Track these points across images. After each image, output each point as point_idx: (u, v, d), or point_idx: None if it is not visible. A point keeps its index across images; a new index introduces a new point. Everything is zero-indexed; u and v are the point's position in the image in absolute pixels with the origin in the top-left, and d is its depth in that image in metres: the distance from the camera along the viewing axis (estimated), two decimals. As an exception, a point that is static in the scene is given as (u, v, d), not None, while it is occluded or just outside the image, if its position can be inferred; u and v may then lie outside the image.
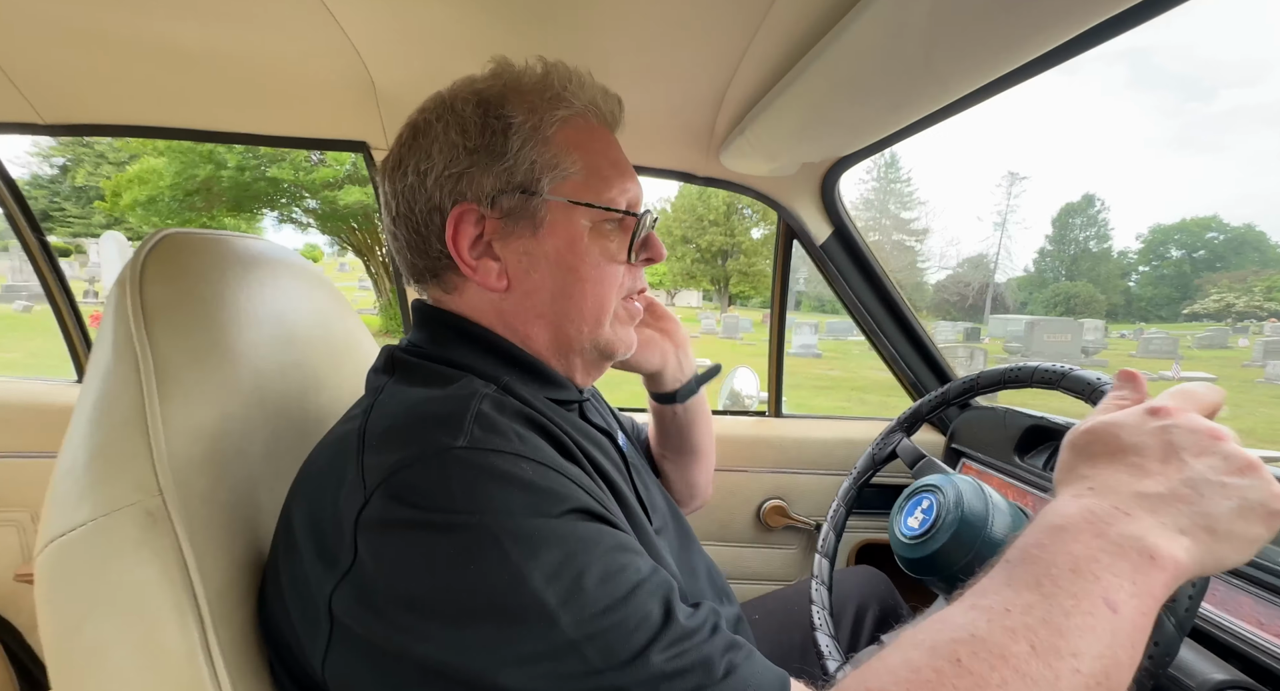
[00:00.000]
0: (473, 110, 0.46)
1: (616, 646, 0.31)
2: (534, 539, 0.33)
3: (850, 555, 1.20)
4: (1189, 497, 0.35)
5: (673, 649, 0.32)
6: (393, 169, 0.49)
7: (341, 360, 0.67)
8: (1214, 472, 0.35)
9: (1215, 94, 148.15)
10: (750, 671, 0.33)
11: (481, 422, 0.38)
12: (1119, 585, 0.32)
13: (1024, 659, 0.30)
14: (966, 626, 0.32)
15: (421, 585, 0.32)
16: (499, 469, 0.35)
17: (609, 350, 0.53)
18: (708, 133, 0.92)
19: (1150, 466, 0.37)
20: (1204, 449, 0.36)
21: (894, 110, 0.64)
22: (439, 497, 0.34)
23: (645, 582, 0.34)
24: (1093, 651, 0.30)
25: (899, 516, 0.68)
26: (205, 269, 0.51)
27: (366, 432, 0.39)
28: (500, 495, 0.34)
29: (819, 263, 1.15)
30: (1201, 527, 0.34)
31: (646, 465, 0.69)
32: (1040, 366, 0.61)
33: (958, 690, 0.29)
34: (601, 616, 0.32)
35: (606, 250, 0.49)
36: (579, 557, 0.33)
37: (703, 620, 0.35)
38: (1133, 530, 0.34)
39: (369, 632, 0.33)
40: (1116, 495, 0.36)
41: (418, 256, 0.49)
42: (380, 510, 0.34)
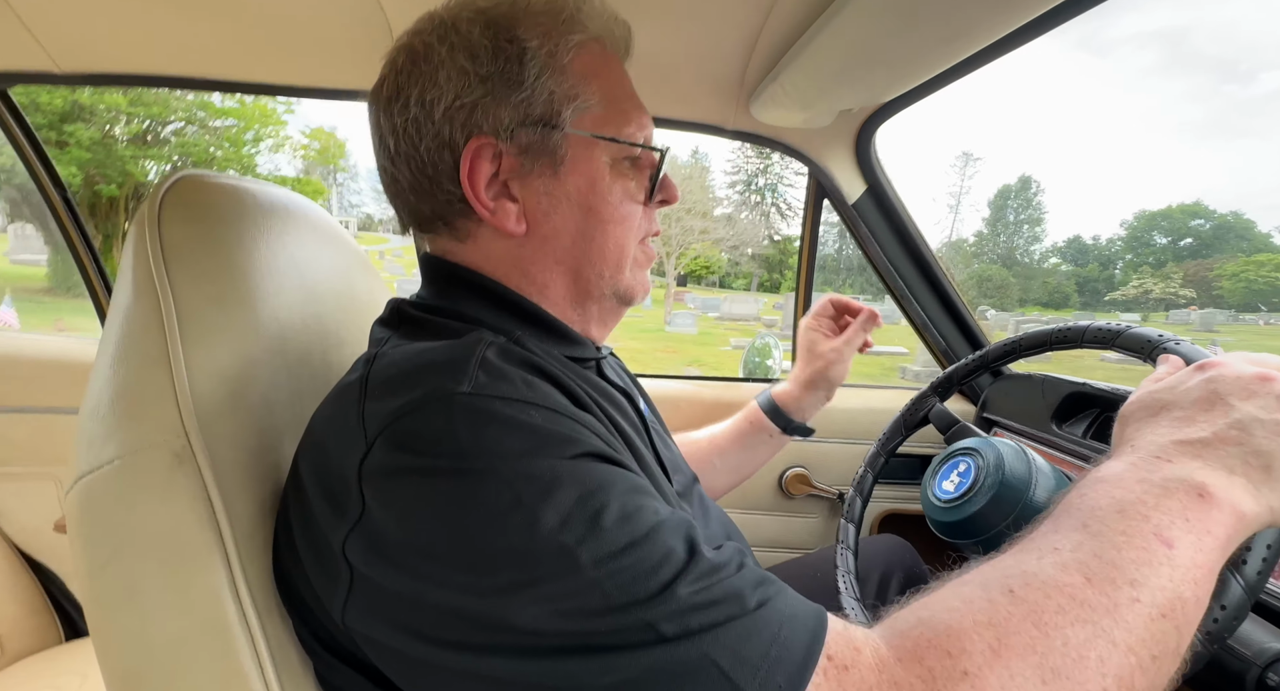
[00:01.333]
0: (480, 33, 0.42)
1: (640, 582, 0.29)
2: (546, 479, 0.31)
3: (874, 524, 1.19)
4: (1237, 438, 0.34)
5: (700, 582, 0.30)
6: (389, 100, 0.44)
7: (362, 317, 0.65)
8: (1265, 411, 0.34)
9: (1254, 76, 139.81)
10: (784, 604, 0.31)
11: (486, 369, 0.35)
12: (1170, 522, 0.31)
13: (1079, 587, 0.29)
14: (1016, 565, 0.31)
15: (433, 532, 0.31)
16: (505, 414, 0.33)
17: (628, 295, 0.51)
18: (738, 81, 0.87)
19: (1194, 416, 0.36)
20: (1251, 391, 0.35)
21: (948, 42, 0.59)
22: (444, 443, 0.32)
23: (665, 523, 0.32)
24: (1152, 583, 0.29)
25: (933, 480, 0.65)
26: (224, 212, 0.49)
27: (369, 381, 0.37)
28: (509, 439, 0.32)
29: (849, 222, 1.11)
30: (1256, 466, 0.33)
31: (664, 429, 0.67)
32: (1093, 325, 0.57)
33: (1012, 616, 0.28)
34: (622, 554, 0.30)
35: (626, 190, 0.47)
36: (596, 497, 0.31)
37: (729, 557, 0.33)
38: (1174, 472, 0.33)
39: (385, 579, 0.32)
40: (1156, 446, 0.35)
41: (424, 200, 0.45)
42: (383, 458, 0.33)
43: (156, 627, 0.37)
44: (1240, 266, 47.43)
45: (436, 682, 0.32)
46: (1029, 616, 0.28)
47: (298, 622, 0.40)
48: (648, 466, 0.46)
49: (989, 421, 1.07)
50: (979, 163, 49.90)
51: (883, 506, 1.18)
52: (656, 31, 0.76)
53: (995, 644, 0.27)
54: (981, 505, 0.57)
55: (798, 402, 0.80)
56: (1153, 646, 0.28)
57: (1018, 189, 50.91)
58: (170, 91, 0.96)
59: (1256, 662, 0.45)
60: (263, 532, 0.41)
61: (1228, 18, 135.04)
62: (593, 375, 0.51)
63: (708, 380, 1.31)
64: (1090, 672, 0.27)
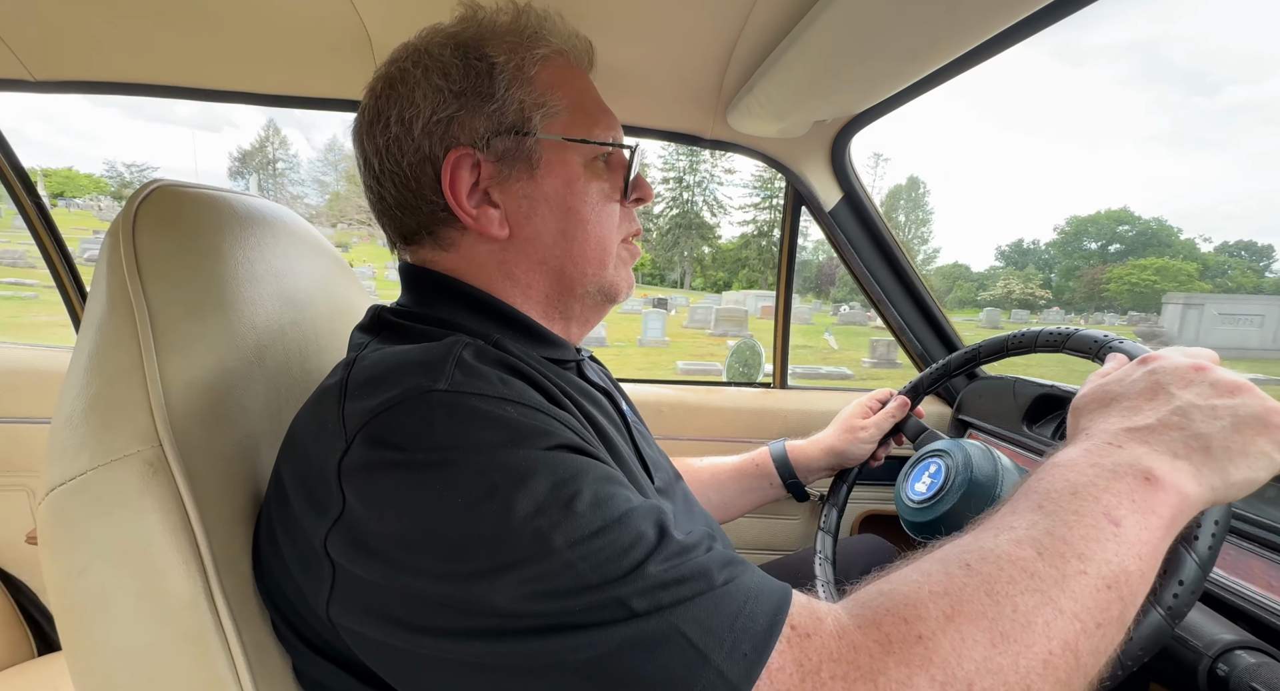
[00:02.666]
0: (451, 53, 0.45)
1: (612, 563, 0.31)
2: (520, 469, 0.32)
3: (854, 525, 1.21)
4: (1178, 423, 0.36)
5: (670, 562, 0.32)
6: (371, 123, 0.46)
7: (342, 323, 0.66)
8: (1201, 398, 0.37)
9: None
10: (750, 581, 0.33)
11: (463, 368, 0.37)
12: (1118, 503, 0.33)
13: (1030, 560, 0.31)
14: (974, 541, 0.33)
15: (411, 522, 0.32)
16: (482, 409, 0.34)
17: (611, 291, 0.52)
18: (715, 92, 0.89)
19: (1140, 405, 0.39)
20: (1189, 380, 0.38)
21: (911, 60, 0.61)
22: (421, 437, 0.33)
23: (636, 509, 0.34)
24: (1099, 556, 0.31)
25: (905, 482, 0.67)
26: (200, 222, 0.50)
27: (349, 384, 0.38)
28: (484, 432, 0.33)
29: (827, 230, 1.13)
30: (1196, 449, 0.35)
31: (646, 429, 0.68)
32: (1044, 331, 0.60)
33: (966, 586, 0.30)
34: (595, 537, 0.31)
35: (602, 189, 0.49)
36: (569, 484, 0.33)
37: (698, 539, 0.34)
38: (1125, 457, 0.35)
39: (366, 572, 0.33)
40: (1107, 433, 0.38)
41: (409, 214, 0.47)
42: (362, 455, 0.34)
43: (131, 637, 0.37)
44: (1126, 269, 49.35)
45: (421, 671, 0.33)
46: (982, 586, 0.30)
47: (280, 621, 0.41)
48: (626, 462, 0.47)
49: (964, 422, 1.10)
50: (887, 163, 49.54)
51: (863, 507, 1.20)
52: (636, 45, 0.77)
53: (949, 610, 0.29)
54: (952, 504, 0.59)
55: (809, 463, 0.82)
56: (1097, 614, 0.30)
57: (907, 189, 50.40)
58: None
59: (1207, 653, 0.48)
60: (239, 540, 0.41)
61: (1198, 31, 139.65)
62: (573, 376, 0.52)
63: (691, 384, 1.33)
64: (1037, 636, 0.29)
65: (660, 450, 0.68)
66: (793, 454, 0.83)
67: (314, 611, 0.36)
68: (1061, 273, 56.50)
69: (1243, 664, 0.46)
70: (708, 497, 0.83)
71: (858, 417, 0.81)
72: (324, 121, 34.23)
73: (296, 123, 41.30)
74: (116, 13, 0.77)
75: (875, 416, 0.80)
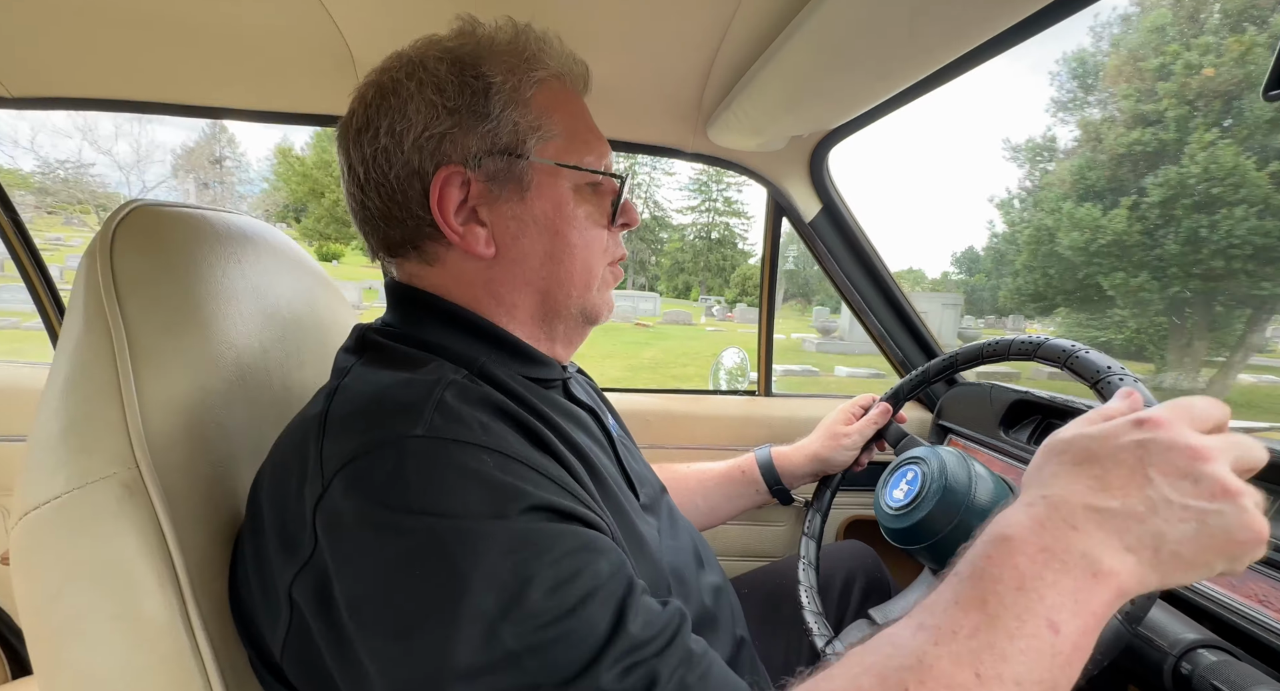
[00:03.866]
0: (447, 69, 0.44)
1: (561, 659, 0.30)
2: (482, 544, 0.32)
3: (839, 530, 1.22)
4: (1142, 516, 0.34)
5: (621, 662, 0.31)
6: (359, 131, 0.46)
7: (325, 339, 0.66)
8: (1178, 493, 0.33)
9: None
10: (704, 689, 0.32)
11: (443, 411, 0.36)
12: (1061, 604, 0.32)
13: (969, 688, 0.30)
14: (915, 651, 0.32)
15: (369, 583, 0.32)
16: (456, 460, 0.34)
17: (594, 314, 0.53)
18: (695, 106, 0.91)
19: (1112, 480, 0.35)
20: (1176, 468, 0.34)
21: (880, 79, 0.63)
22: (394, 492, 0.33)
23: (600, 590, 0.33)
24: (1034, 676, 0.31)
25: (884, 489, 0.68)
26: (179, 241, 0.50)
27: (328, 418, 0.38)
28: (457, 490, 0.33)
29: (807, 240, 1.15)
30: (1149, 547, 0.33)
31: (633, 443, 0.69)
32: (1016, 339, 0.61)
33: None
34: (546, 628, 0.31)
35: (590, 214, 0.49)
36: (529, 565, 0.32)
37: (660, 628, 0.34)
38: (1078, 545, 0.33)
39: (319, 630, 0.33)
40: (1068, 507, 0.35)
41: (394, 226, 0.47)
42: (337, 501, 0.33)
43: (106, 661, 0.37)
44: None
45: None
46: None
47: (252, 652, 0.40)
48: (608, 487, 0.47)
49: (944, 428, 1.12)
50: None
51: (847, 513, 1.21)
52: (617, 59, 0.79)
53: None
54: (929, 511, 0.60)
55: (794, 469, 0.83)
56: None
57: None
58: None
59: (1171, 652, 0.49)
60: (217, 561, 0.41)
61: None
62: (557, 396, 0.52)
63: (677, 393, 1.34)
64: None
65: (646, 464, 0.68)
66: (778, 460, 0.84)
67: (271, 647, 0.36)
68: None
69: (1205, 662, 0.47)
70: (695, 504, 0.83)
71: (841, 424, 0.82)
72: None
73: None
74: (95, 29, 0.77)
75: (858, 423, 0.81)
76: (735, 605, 0.62)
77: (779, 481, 0.83)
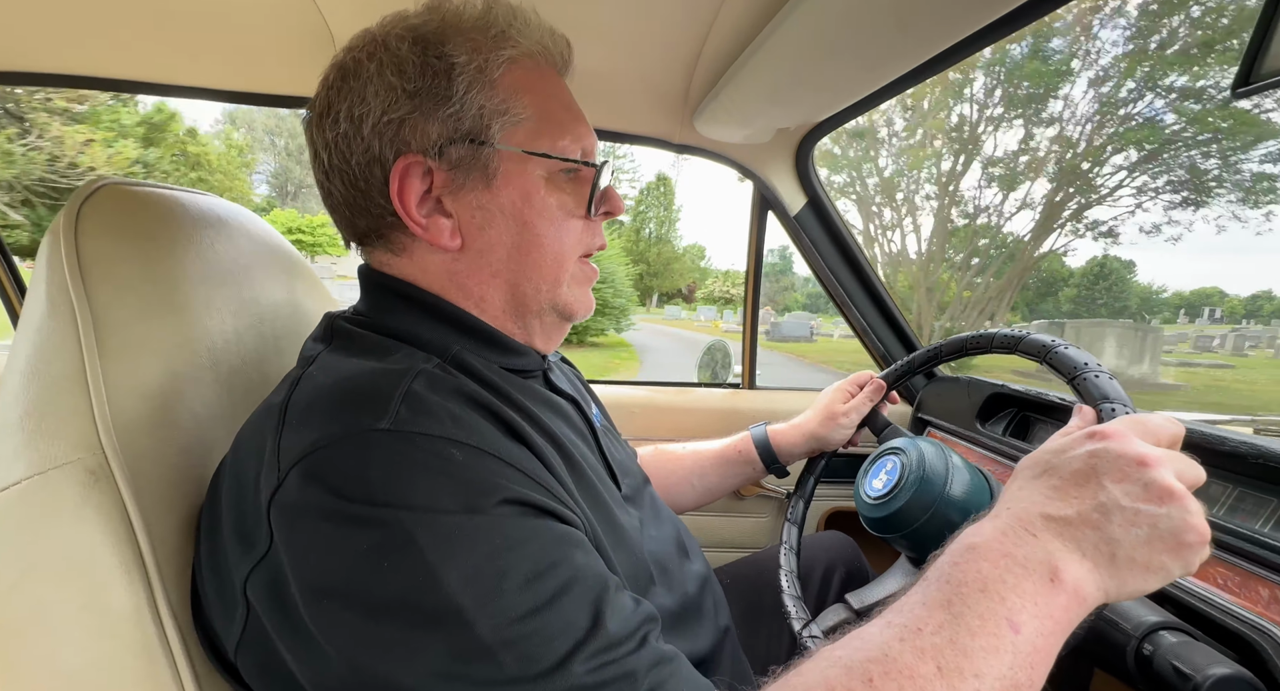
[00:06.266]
0: (409, 49, 0.42)
1: (536, 653, 0.30)
2: (454, 537, 0.31)
3: (820, 521, 1.23)
4: (1096, 522, 0.35)
5: (596, 659, 0.31)
6: (321, 116, 0.43)
7: (304, 327, 0.64)
8: (1128, 498, 0.35)
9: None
10: (675, 688, 0.32)
11: (411, 402, 0.35)
12: (1022, 605, 0.33)
13: (930, 679, 0.31)
14: (881, 645, 0.33)
15: (334, 576, 0.31)
16: (423, 455, 0.33)
17: (567, 312, 0.50)
18: (682, 97, 0.90)
19: (1068, 489, 0.37)
20: (1124, 474, 0.36)
21: (867, 71, 0.63)
22: (356, 485, 0.31)
23: (575, 584, 0.33)
24: (994, 672, 0.32)
25: (864, 479, 0.69)
26: (150, 222, 0.48)
27: (289, 408, 0.36)
28: (424, 485, 0.32)
29: (793, 233, 1.16)
30: (1105, 553, 0.35)
31: (616, 433, 0.69)
32: (1000, 332, 0.62)
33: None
34: (522, 621, 0.30)
35: (564, 204, 0.47)
36: (503, 557, 0.31)
37: (634, 628, 0.34)
38: (1037, 551, 0.35)
39: (277, 625, 0.32)
40: (1028, 516, 0.37)
41: (359, 215, 0.45)
42: (294, 494, 0.32)
43: (71, 653, 0.36)
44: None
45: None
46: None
47: (209, 651, 0.39)
48: (587, 479, 0.46)
49: (923, 421, 1.13)
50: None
51: (828, 504, 1.23)
52: (603, 48, 0.78)
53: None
54: (906, 500, 0.61)
55: (791, 447, 0.83)
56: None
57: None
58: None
59: (1135, 635, 0.51)
60: (186, 552, 0.40)
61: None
62: (536, 386, 0.51)
63: (662, 385, 1.34)
64: None
65: (630, 454, 0.68)
66: (774, 438, 0.84)
67: (225, 644, 0.35)
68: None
69: (1165, 643, 0.49)
70: (690, 484, 0.83)
71: (839, 403, 0.82)
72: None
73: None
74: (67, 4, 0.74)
75: (854, 401, 0.81)
76: (719, 594, 0.62)
77: (775, 459, 0.83)
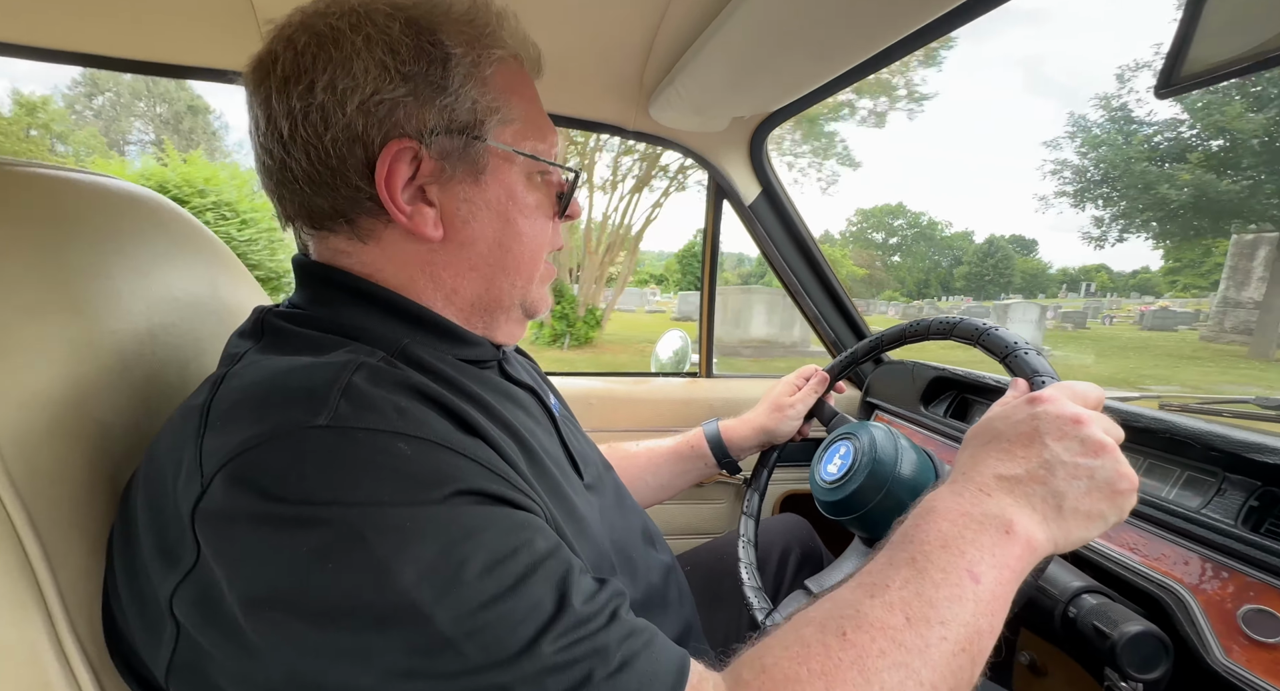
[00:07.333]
0: (401, 29, 0.40)
1: (501, 640, 0.29)
2: (406, 530, 0.29)
3: (776, 504, 1.27)
4: (1043, 477, 0.39)
5: (565, 638, 0.30)
6: (285, 80, 0.39)
7: (229, 324, 0.59)
8: (1069, 454, 0.40)
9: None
10: (648, 660, 0.32)
11: (351, 396, 0.33)
12: (980, 557, 0.36)
13: (900, 629, 0.34)
14: (853, 603, 0.35)
15: (274, 584, 0.28)
16: (367, 451, 0.31)
17: (533, 309, 0.51)
18: (636, 83, 0.89)
19: (1015, 450, 0.41)
20: (1064, 432, 0.40)
21: (820, 61, 0.63)
22: (290, 485, 0.29)
23: (539, 567, 0.32)
24: (958, 619, 0.34)
25: (819, 465, 0.71)
26: (38, 208, 0.43)
27: (211, 409, 0.33)
28: (367, 481, 0.30)
29: (747, 223, 1.16)
30: (1051, 505, 0.39)
31: (576, 422, 0.68)
32: (936, 320, 0.65)
33: (843, 661, 0.32)
34: (485, 609, 0.29)
35: (541, 204, 0.48)
36: (461, 546, 0.30)
37: (602, 604, 0.33)
38: (991, 508, 0.39)
39: (212, 642, 0.29)
40: (981, 478, 0.41)
41: (322, 193, 0.41)
42: (221, 500, 0.30)
43: None
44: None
45: None
46: (855, 663, 0.32)
47: (131, 682, 0.35)
48: (544, 465, 0.45)
49: (872, 405, 1.18)
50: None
51: (785, 487, 1.26)
52: (555, 30, 0.75)
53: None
54: (859, 483, 0.63)
55: (741, 441, 0.85)
56: (951, 679, 0.33)
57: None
58: None
59: (1061, 599, 0.55)
60: (95, 578, 0.36)
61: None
62: (493, 376, 0.50)
63: (620, 376, 1.33)
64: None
65: (590, 442, 0.67)
66: (725, 433, 0.86)
67: (153, 670, 0.32)
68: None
69: (1087, 605, 0.53)
70: (645, 481, 0.84)
71: (786, 396, 0.85)
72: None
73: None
74: None
75: (800, 393, 0.84)
76: (684, 585, 0.63)
77: (727, 455, 0.85)
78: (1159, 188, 12.32)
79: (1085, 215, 16.70)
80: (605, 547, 0.48)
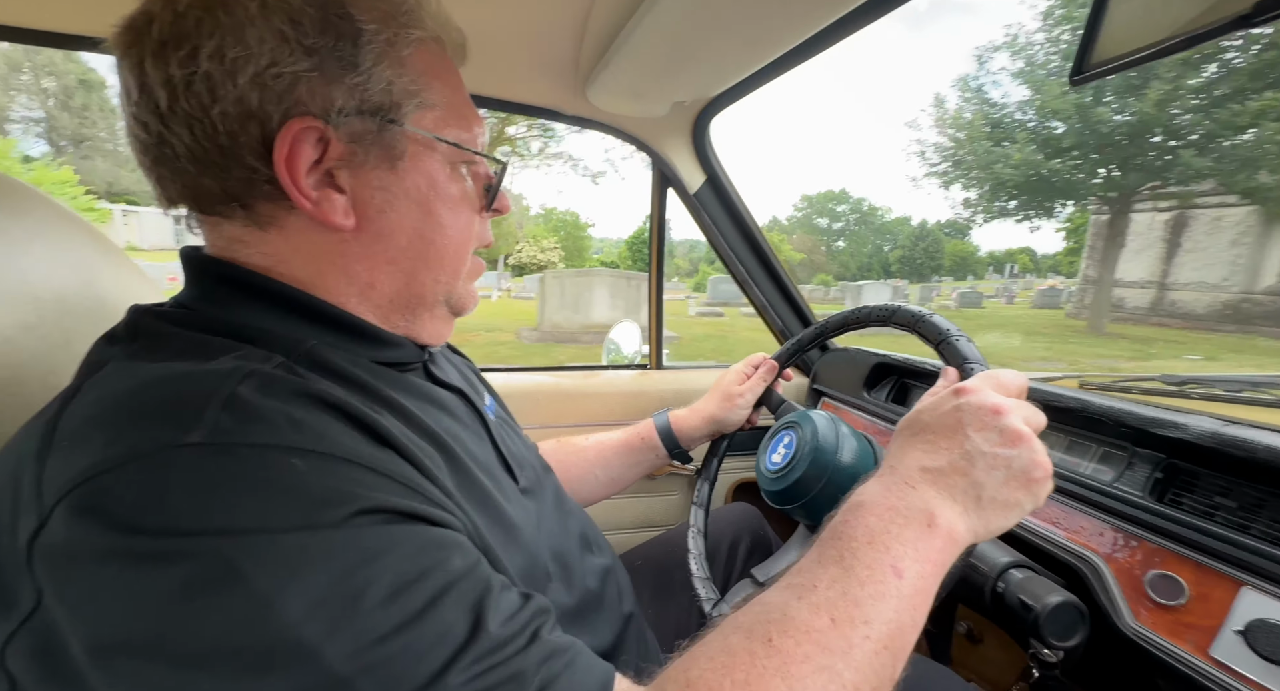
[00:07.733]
0: (304, 0, 0.36)
1: (403, 674, 0.26)
2: (294, 559, 0.26)
3: (728, 493, 1.28)
4: (964, 469, 0.40)
5: (477, 666, 0.28)
6: (162, 44, 0.35)
7: (106, 321, 0.53)
8: (988, 444, 0.40)
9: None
10: (569, 682, 0.30)
11: (235, 409, 0.29)
12: (904, 552, 0.36)
13: (824, 631, 0.33)
14: (780, 606, 0.35)
15: (129, 628, 0.25)
16: (251, 468, 0.28)
17: (460, 305, 0.48)
18: (573, 65, 0.85)
19: (939, 442, 0.42)
20: (984, 423, 0.41)
21: (754, 45, 0.62)
22: (147, 515, 0.26)
23: (452, 588, 0.30)
24: (881, 617, 0.34)
25: (764, 454, 0.71)
26: None
27: (58, 427, 0.29)
28: (250, 504, 0.27)
29: (693, 211, 1.15)
30: (971, 496, 0.39)
31: (514, 424, 0.65)
32: (875, 307, 0.66)
33: (768, 668, 0.32)
34: (385, 641, 0.27)
35: (465, 196, 0.45)
36: (359, 572, 0.27)
37: (522, 625, 0.32)
38: (915, 501, 0.39)
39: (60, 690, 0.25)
40: (906, 470, 0.41)
41: (210, 173, 0.37)
42: (63, 534, 0.26)
43: None
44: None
45: None
46: (779, 670, 0.31)
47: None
48: (469, 472, 0.42)
49: (818, 392, 1.20)
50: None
51: (736, 476, 1.27)
52: (482, 7, 0.70)
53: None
54: (803, 472, 0.64)
55: (691, 431, 0.84)
56: (873, 678, 0.33)
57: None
58: None
59: (990, 575, 0.57)
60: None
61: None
62: (415, 379, 0.47)
63: (567, 369, 1.30)
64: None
65: (529, 445, 0.65)
66: (675, 423, 0.85)
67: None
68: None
69: (1014, 580, 0.55)
70: (595, 475, 0.83)
71: (735, 385, 0.85)
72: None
73: None
74: None
75: (749, 381, 0.84)
76: (624, 583, 0.61)
77: (678, 445, 0.85)
78: (995, 167, 12.68)
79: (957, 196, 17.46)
80: (540, 554, 0.46)
